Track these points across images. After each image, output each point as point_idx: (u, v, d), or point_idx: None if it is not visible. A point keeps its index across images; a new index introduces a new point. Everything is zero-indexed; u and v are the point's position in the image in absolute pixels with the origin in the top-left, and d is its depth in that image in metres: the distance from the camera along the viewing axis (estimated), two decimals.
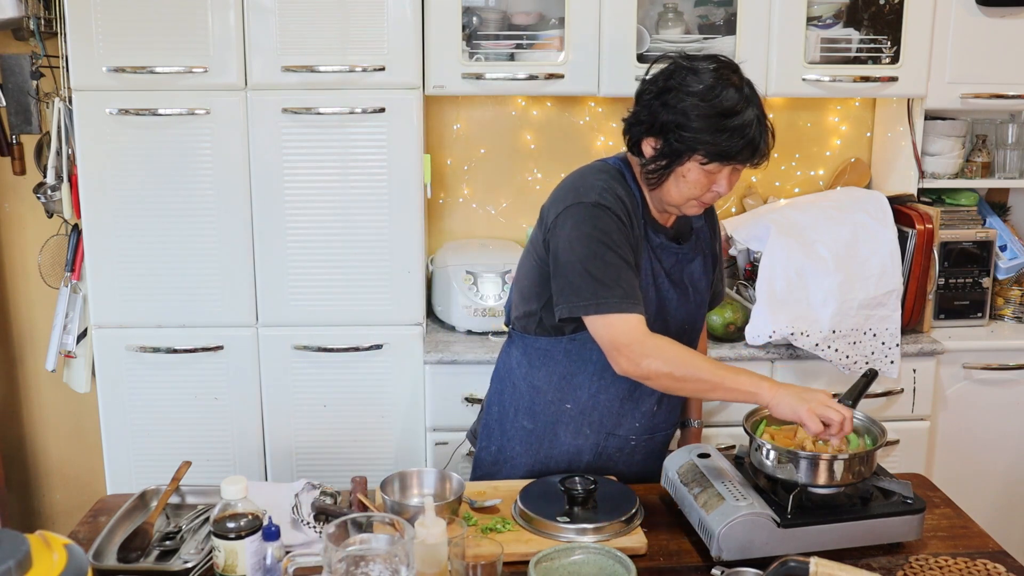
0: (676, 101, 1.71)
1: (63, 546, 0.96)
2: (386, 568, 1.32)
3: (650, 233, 1.85)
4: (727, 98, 1.69)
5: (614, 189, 1.78)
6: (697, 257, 1.93)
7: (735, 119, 1.69)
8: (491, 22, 2.73)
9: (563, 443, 1.93)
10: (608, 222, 1.74)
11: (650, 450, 1.98)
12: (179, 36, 2.46)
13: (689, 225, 1.94)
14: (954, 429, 2.77)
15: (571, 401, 1.91)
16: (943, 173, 2.89)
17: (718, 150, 1.70)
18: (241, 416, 2.66)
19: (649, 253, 1.84)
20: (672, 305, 1.88)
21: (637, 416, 1.93)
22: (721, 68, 1.74)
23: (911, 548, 1.64)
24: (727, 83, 1.71)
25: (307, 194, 2.56)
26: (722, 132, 1.69)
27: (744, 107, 1.70)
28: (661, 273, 1.86)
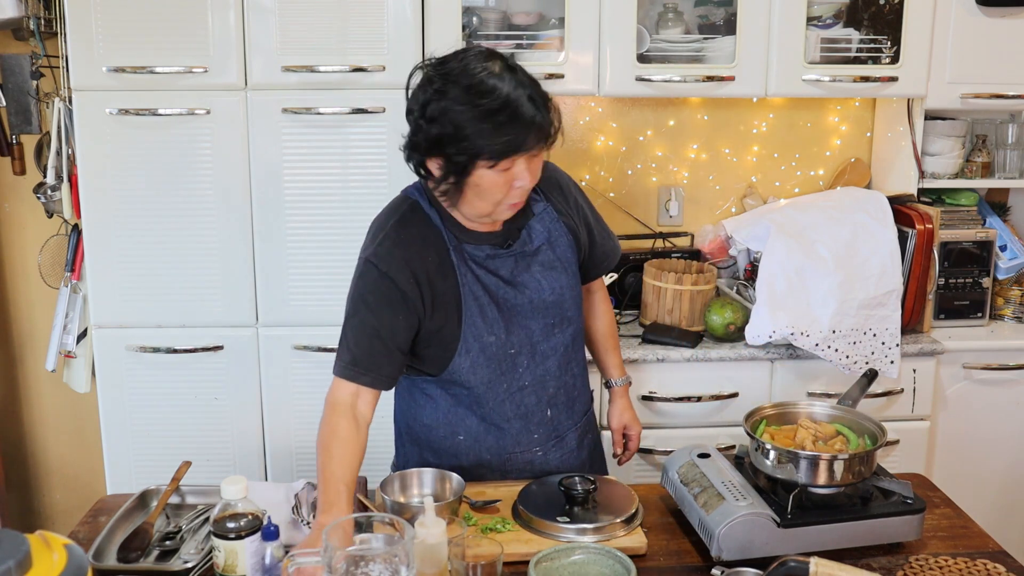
0: (439, 113, 1.57)
1: (63, 546, 0.96)
2: (386, 568, 1.32)
3: (470, 250, 1.74)
4: (488, 90, 1.56)
5: (398, 237, 1.70)
6: (541, 247, 1.80)
7: (506, 111, 1.55)
8: (491, 22, 2.73)
9: (470, 473, 1.85)
10: (369, 281, 1.70)
11: (564, 451, 1.92)
12: (179, 36, 2.46)
13: (523, 219, 1.79)
14: (954, 429, 2.77)
15: (462, 432, 1.87)
16: (943, 173, 2.89)
17: (502, 147, 1.56)
18: (241, 416, 2.66)
19: (475, 271, 1.75)
20: (525, 307, 1.79)
21: (531, 428, 1.87)
22: (470, 56, 1.61)
23: (911, 548, 1.64)
24: (484, 75, 1.57)
25: (307, 194, 2.56)
26: (499, 128, 1.55)
27: (509, 89, 1.56)
28: (499, 285, 1.76)
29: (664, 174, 3.12)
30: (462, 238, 1.75)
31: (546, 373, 1.85)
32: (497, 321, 1.77)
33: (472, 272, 1.75)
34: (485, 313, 1.76)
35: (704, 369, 2.61)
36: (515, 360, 1.81)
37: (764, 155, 3.12)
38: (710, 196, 3.14)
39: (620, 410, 2.14)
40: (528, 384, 1.84)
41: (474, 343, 1.76)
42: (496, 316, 1.77)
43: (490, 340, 1.77)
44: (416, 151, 1.65)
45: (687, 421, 2.64)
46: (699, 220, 3.14)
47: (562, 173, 1.92)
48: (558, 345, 1.85)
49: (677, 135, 3.09)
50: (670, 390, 2.61)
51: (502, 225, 1.78)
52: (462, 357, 1.77)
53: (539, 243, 1.81)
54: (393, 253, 1.70)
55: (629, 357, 2.55)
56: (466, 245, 1.75)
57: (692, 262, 2.89)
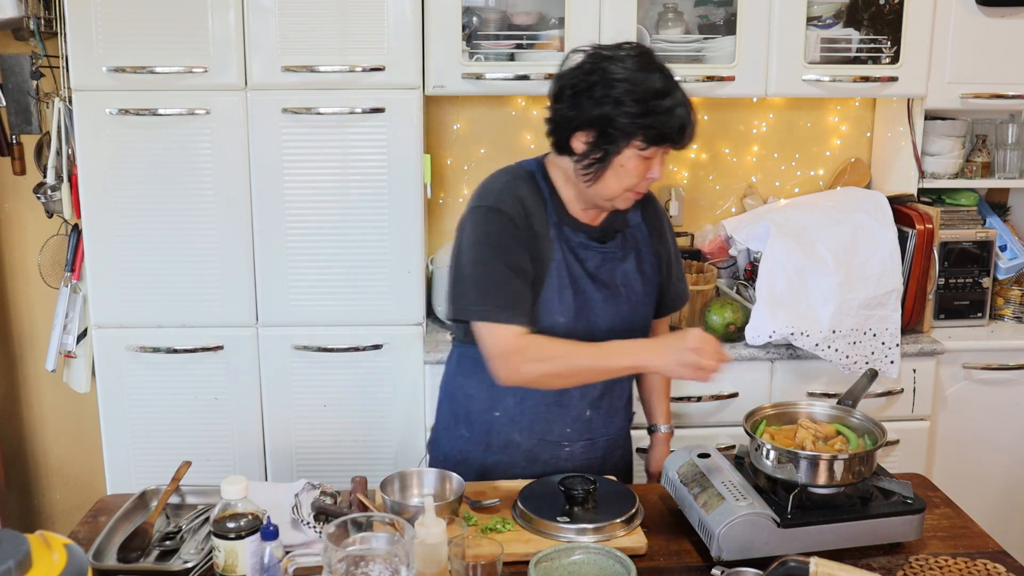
0: (605, 91, 1.67)
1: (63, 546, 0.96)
2: (386, 568, 1.32)
3: (568, 233, 1.81)
4: (655, 80, 1.68)
5: (514, 190, 1.77)
6: (629, 256, 1.88)
7: (667, 100, 1.67)
8: (491, 22, 2.73)
9: (496, 451, 1.92)
10: (500, 226, 1.75)
11: (590, 456, 1.94)
12: (179, 36, 2.46)
13: (621, 224, 1.88)
14: (954, 429, 2.77)
15: (499, 408, 1.89)
16: (943, 173, 2.89)
17: (656, 133, 1.68)
18: (241, 416, 2.66)
19: (566, 254, 1.81)
20: (597, 306, 1.83)
21: (567, 421, 1.90)
22: (641, 53, 1.72)
23: (911, 548, 1.64)
24: (651, 67, 1.69)
25: (307, 194, 2.56)
26: (657, 114, 1.67)
27: (672, 88, 1.69)
28: (582, 274, 1.82)
29: (664, 174, 3.11)
30: (563, 219, 1.81)
31: None
32: (570, 306, 1.81)
33: (563, 253, 1.81)
34: (563, 294, 1.80)
35: None
36: None
37: (764, 155, 3.12)
38: (710, 196, 3.14)
39: (660, 457, 2.10)
40: None
41: (545, 318, 1.79)
42: (571, 301, 1.81)
43: (560, 320, 1.80)
44: (566, 124, 1.73)
45: (687, 421, 2.65)
46: (699, 220, 3.14)
47: (659, 202, 2.00)
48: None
49: None
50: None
51: (601, 222, 1.86)
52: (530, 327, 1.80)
53: (629, 252, 1.89)
54: (513, 203, 1.76)
55: None
56: (566, 227, 1.81)
57: (692, 262, 2.89)
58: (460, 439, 1.96)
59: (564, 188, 1.82)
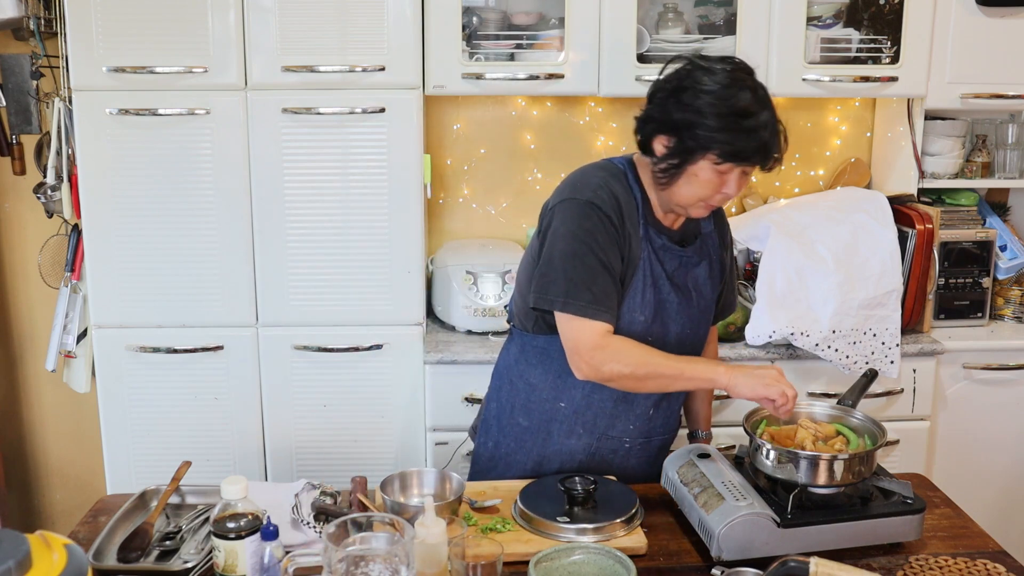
0: (691, 99, 1.70)
1: (63, 546, 0.96)
2: (386, 568, 1.32)
3: (652, 234, 1.84)
4: (742, 99, 1.69)
5: (610, 187, 1.79)
6: (703, 262, 1.91)
7: (750, 120, 1.69)
8: (491, 22, 2.73)
9: (556, 442, 1.93)
10: (596, 222, 1.76)
11: (646, 454, 1.97)
12: (179, 36, 2.46)
13: (696, 229, 1.93)
14: (954, 429, 2.77)
15: (565, 400, 1.91)
16: (943, 173, 2.89)
17: (732, 149, 1.69)
18: (241, 416, 2.65)
19: (650, 254, 1.83)
20: (672, 308, 1.87)
21: (631, 419, 1.92)
22: (736, 70, 1.73)
23: (911, 548, 1.64)
24: (742, 84, 1.71)
25: (307, 194, 2.56)
26: (737, 132, 1.68)
27: (759, 109, 1.70)
28: (662, 275, 1.85)
29: None
30: (649, 220, 1.84)
31: None
32: (650, 305, 1.83)
33: (648, 252, 1.83)
34: (645, 293, 1.82)
35: None
36: None
37: None
38: None
39: None
40: None
41: (627, 314, 1.81)
42: (651, 300, 1.83)
43: (639, 319, 1.82)
44: (651, 124, 1.77)
45: None
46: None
47: (724, 214, 2.02)
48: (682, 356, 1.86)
49: None
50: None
51: (679, 226, 1.88)
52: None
53: (703, 258, 1.92)
54: (609, 200, 1.78)
55: None
56: (650, 228, 1.84)
57: None
58: (516, 427, 1.96)
59: (650, 190, 1.85)
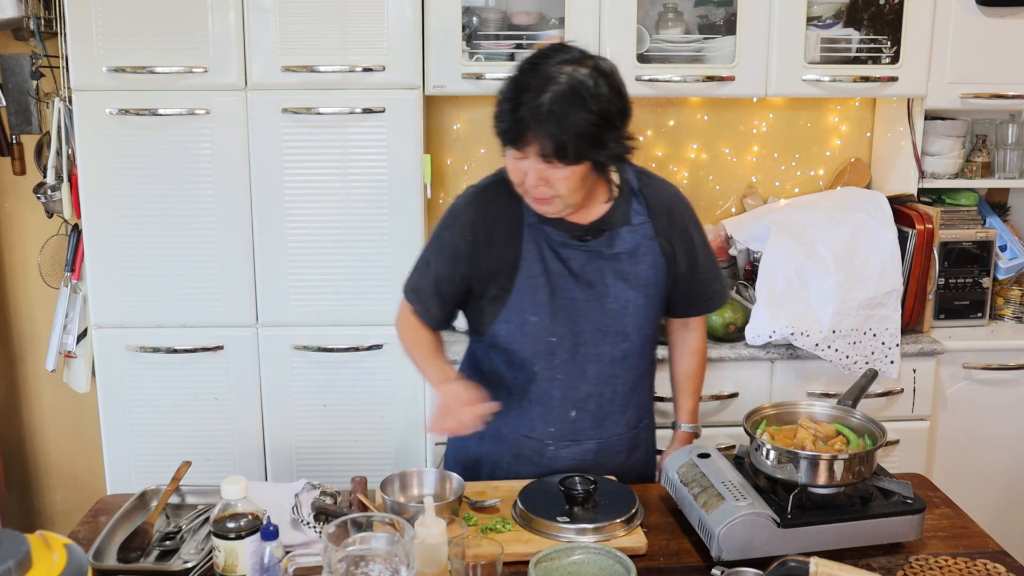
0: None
1: (63, 546, 0.96)
2: (386, 568, 1.32)
3: (548, 231, 1.80)
4: (513, 80, 1.69)
5: (480, 198, 1.84)
6: (621, 255, 1.82)
7: (504, 103, 1.68)
8: (491, 22, 2.73)
9: (487, 443, 1.94)
10: (443, 226, 1.85)
11: (577, 457, 1.90)
12: (179, 36, 2.46)
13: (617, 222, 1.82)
14: (954, 429, 2.77)
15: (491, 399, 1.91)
16: (943, 173, 2.89)
17: (501, 135, 1.70)
18: (241, 416, 2.66)
19: (544, 252, 1.80)
20: (580, 305, 1.82)
21: (549, 420, 1.88)
22: (556, 52, 1.70)
23: (911, 548, 1.64)
24: (523, 67, 1.70)
25: (307, 194, 2.56)
26: (502, 117, 1.68)
27: (516, 92, 1.66)
28: (563, 273, 1.80)
29: (664, 174, 3.08)
30: (544, 219, 1.81)
31: (582, 376, 1.86)
32: (544, 305, 1.81)
33: (540, 252, 1.81)
34: (536, 293, 1.81)
35: None
36: (553, 349, 1.83)
37: (764, 155, 3.12)
38: (710, 196, 3.13)
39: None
40: (560, 378, 1.86)
41: (516, 316, 1.82)
42: (545, 300, 1.81)
43: (532, 319, 1.82)
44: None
45: None
46: (699, 220, 3.13)
47: (682, 200, 1.95)
48: (604, 355, 1.86)
49: (677, 135, 3.09)
50: (670, 390, 2.60)
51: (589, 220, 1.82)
52: (501, 325, 1.83)
53: (619, 250, 1.83)
54: (466, 210, 1.83)
55: None
56: (545, 226, 1.81)
57: None
58: None
59: None
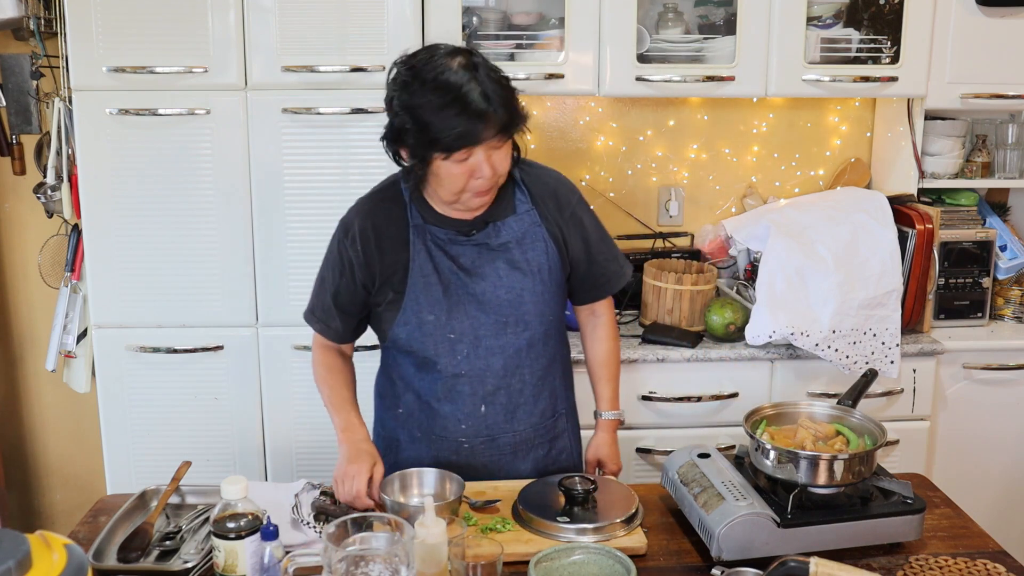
0: (401, 106, 1.66)
1: (63, 546, 0.96)
2: (386, 568, 1.32)
3: (434, 231, 1.80)
4: (441, 85, 1.61)
5: (367, 205, 1.86)
6: (509, 245, 1.81)
7: (456, 104, 1.60)
8: (491, 22, 2.73)
9: (405, 448, 1.94)
10: (334, 243, 1.88)
11: (494, 453, 1.90)
12: (179, 36, 2.46)
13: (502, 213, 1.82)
14: (954, 429, 2.77)
15: (402, 405, 1.93)
16: (943, 173, 2.89)
17: (454, 140, 1.61)
18: (241, 416, 2.65)
19: (433, 251, 1.80)
20: (475, 299, 1.81)
21: (460, 418, 1.87)
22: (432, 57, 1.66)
23: (911, 548, 1.64)
24: (440, 70, 1.62)
25: (307, 194, 2.56)
26: (449, 122, 1.60)
27: (462, 85, 1.60)
28: (454, 270, 1.80)
29: (664, 174, 3.12)
30: (428, 219, 1.82)
31: (487, 369, 1.84)
32: (439, 302, 1.81)
33: (428, 252, 1.81)
34: (430, 292, 1.81)
35: (704, 369, 2.61)
36: (454, 346, 1.83)
37: (764, 155, 3.12)
38: (710, 196, 3.14)
39: (597, 444, 2.02)
40: (465, 373, 1.84)
41: (412, 317, 1.82)
42: (440, 297, 1.81)
43: (429, 319, 1.81)
44: (388, 139, 1.77)
45: (687, 421, 2.64)
46: (699, 220, 3.14)
47: (566, 184, 1.91)
48: (507, 345, 1.84)
49: (677, 135, 3.09)
50: (670, 390, 2.61)
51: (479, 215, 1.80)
52: (400, 328, 1.83)
53: (506, 239, 1.82)
54: (355, 222, 1.85)
55: (629, 357, 2.55)
56: (431, 226, 1.82)
57: (692, 262, 2.89)
58: (381, 439, 2.00)
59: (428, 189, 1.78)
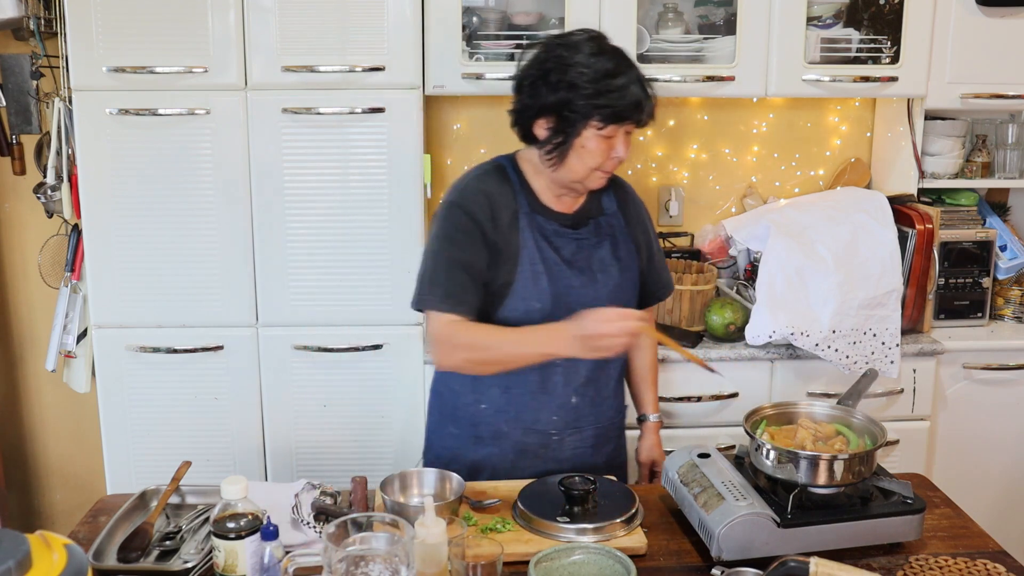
0: (560, 76, 1.75)
1: (63, 546, 0.96)
2: (386, 568, 1.32)
3: (540, 221, 1.86)
4: (607, 62, 1.75)
5: (480, 185, 1.85)
6: (604, 242, 1.92)
7: (619, 79, 1.74)
8: (491, 22, 2.73)
9: (485, 444, 1.94)
10: (456, 221, 1.83)
11: (579, 445, 1.96)
12: (179, 36, 2.46)
13: (598, 210, 1.94)
14: (954, 429, 2.77)
15: (485, 401, 1.92)
16: (943, 173, 2.89)
17: (611, 111, 1.74)
18: (241, 416, 2.65)
19: (537, 241, 1.85)
20: (575, 292, 1.86)
21: (553, 409, 1.91)
22: (592, 38, 1.79)
23: (911, 548, 1.64)
24: (602, 50, 1.77)
25: (307, 194, 2.56)
26: (611, 93, 1.73)
27: (625, 68, 1.76)
28: (557, 261, 1.86)
29: (664, 174, 3.12)
30: (535, 208, 1.87)
31: (580, 360, 1.88)
32: (546, 292, 1.84)
33: (535, 240, 1.85)
34: (537, 280, 1.84)
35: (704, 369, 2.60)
36: None
37: (764, 155, 3.12)
38: (710, 196, 3.14)
39: (650, 445, 2.14)
40: (560, 364, 1.88)
41: (520, 304, 1.83)
42: (546, 287, 1.84)
43: (536, 307, 1.83)
44: (527, 113, 1.81)
45: (687, 421, 2.64)
46: (699, 220, 3.14)
47: (639, 198, 2.05)
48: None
49: (677, 135, 3.09)
50: (670, 390, 2.61)
51: (574, 209, 1.91)
52: (508, 313, 1.84)
53: (602, 238, 1.93)
54: (476, 197, 1.84)
55: None
56: (537, 216, 1.87)
57: (692, 262, 2.89)
58: (449, 437, 1.98)
59: (535, 179, 1.89)
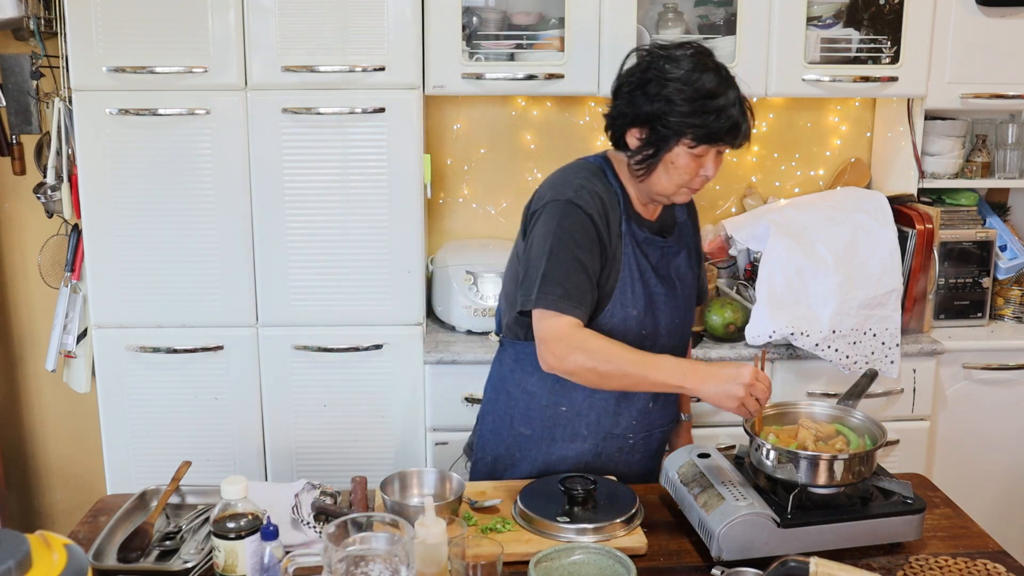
0: (658, 88, 1.73)
1: (63, 546, 0.96)
2: (386, 568, 1.32)
3: (635, 228, 1.85)
4: (708, 81, 1.73)
5: (592, 186, 1.81)
6: (682, 251, 1.94)
7: (718, 100, 1.72)
8: (491, 22, 2.73)
9: (561, 447, 1.92)
10: (576, 220, 1.76)
11: (648, 449, 1.98)
12: (179, 36, 2.46)
13: (673, 219, 1.95)
14: (954, 429, 2.77)
15: (566, 404, 1.90)
16: (943, 173, 2.89)
17: (705, 132, 1.72)
18: (241, 416, 2.65)
19: (634, 248, 1.84)
20: (660, 301, 1.87)
21: (633, 414, 1.92)
22: (697, 53, 1.77)
23: (911, 548, 1.64)
24: (705, 67, 1.75)
25: (307, 194, 2.56)
26: (707, 114, 1.71)
27: (725, 89, 1.74)
28: (648, 268, 1.86)
29: None
30: (630, 214, 1.86)
31: None
32: (640, 298, 1.84)
33: (632, 247, 1.85)
34: (635, 286, 1.84)
35: None
36: (643, 342, 1.84)
37: (764, 155, 3.12)
38: (710, 196, 3.13)
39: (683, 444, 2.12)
40: None
41: (619, 310, 1.83)
42: (640, 293, 1.84)
43: (632, 313, 1.84)
44: (622, 120, 1.80)
45: None
46: (699, 220, 3.13)
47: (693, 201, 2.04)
48: (675, 347, 1.91)
49: None
50: None
51: (656, 216, 1.91)
52: (607, 318, 1.82)
53: (683, 247, 1.95)
54: (591, 199, 1.79)
55: None
56: (632, 222, 1.86)
57: None
58: (519, 437, 1.95)
59: (628, 184, 1.87)
